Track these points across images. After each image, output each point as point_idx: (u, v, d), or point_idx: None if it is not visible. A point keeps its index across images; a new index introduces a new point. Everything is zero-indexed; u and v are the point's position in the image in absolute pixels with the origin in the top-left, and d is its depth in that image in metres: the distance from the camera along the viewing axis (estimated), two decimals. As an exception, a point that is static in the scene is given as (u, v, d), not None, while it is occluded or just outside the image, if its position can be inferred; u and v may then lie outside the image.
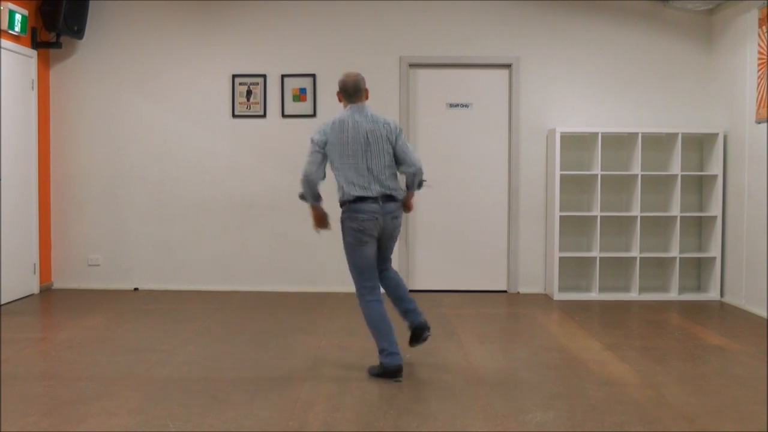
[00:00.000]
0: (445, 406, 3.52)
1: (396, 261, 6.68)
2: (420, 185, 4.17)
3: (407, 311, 4.12)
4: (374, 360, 4.27)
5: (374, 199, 3.96)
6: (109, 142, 6.76)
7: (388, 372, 3.93)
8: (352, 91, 4.09)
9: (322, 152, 4.00)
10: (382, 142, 4.01)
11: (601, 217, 6.58)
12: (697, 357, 4.47)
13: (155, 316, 5.61)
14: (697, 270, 6.72)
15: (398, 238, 6.63)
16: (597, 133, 6.45)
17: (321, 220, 4.12)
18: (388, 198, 4.00)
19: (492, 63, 6.70)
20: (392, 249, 4.20)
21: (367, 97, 4.16)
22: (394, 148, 4.05)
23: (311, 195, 4.01)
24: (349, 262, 4.08)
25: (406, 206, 4.22)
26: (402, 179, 4.24)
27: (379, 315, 3.98)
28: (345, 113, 4.07)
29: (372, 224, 3.96)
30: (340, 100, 4.16)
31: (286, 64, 6.70)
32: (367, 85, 6.61)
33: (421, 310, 4.21)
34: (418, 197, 6.75)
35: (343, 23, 6.69)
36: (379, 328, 3.97)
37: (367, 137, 4.00)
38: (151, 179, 6.77)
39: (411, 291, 6.75)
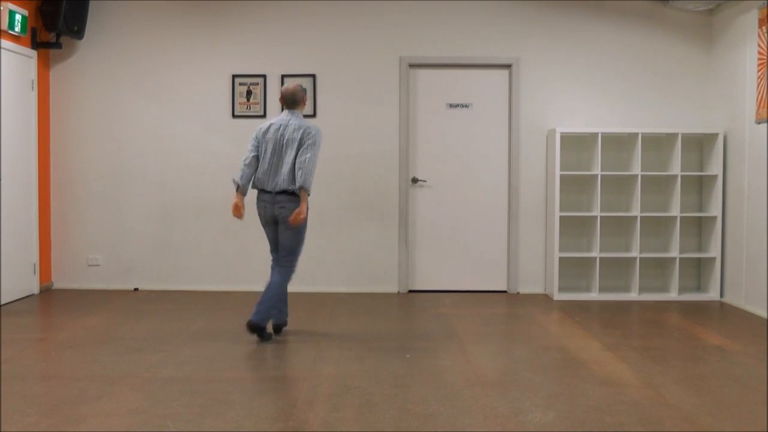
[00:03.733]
0: (445, 406, 3.52)
1: (396, 261, 6.69)
2: (302, 182, 4.63)
3: (257, 309, 4.72)
4: (373, 357, 4.29)
5: (269, 192, 4.79)
6: (109, 142, 6.77)
7: (247, 323, 4.70)
8: (290, 101, 4.91)
9: (256, 144, 4.86)
10: (294, 147, 4.74)
11: (601, 217, 6.58)
12: (697, 357, 4.47)
13: (155, 316, 5.61)
14: (697, 270, 6.72)
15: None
16: (597, 134, 6.45)
17: (236, 208, 4.85)
18: (283, 192, 4.74)
19: (492, 63, 6.70)
20: (292, 245, 4.84)
21: (304, 104, 4.99)
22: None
23: (243, 181, 4.80)
24: None
25: (296, 212, 4.71)
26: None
27: (269, 282, 4.84)
28: (278, 118, 4.89)
29: (264, 210, 4.84)
30: (281, 104, 5.05)
31: (286, 64, 6.70)
32: (367, 86, 6.66)
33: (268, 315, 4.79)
34: (417, 196, 6.75)
35: (343, 23, 6.69)
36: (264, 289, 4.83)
37: (284, 142, 4.78)
38: (151, 179, 6.77)
39: (411, 291, 6.76)
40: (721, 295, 6.42)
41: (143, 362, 4.26)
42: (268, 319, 4.74)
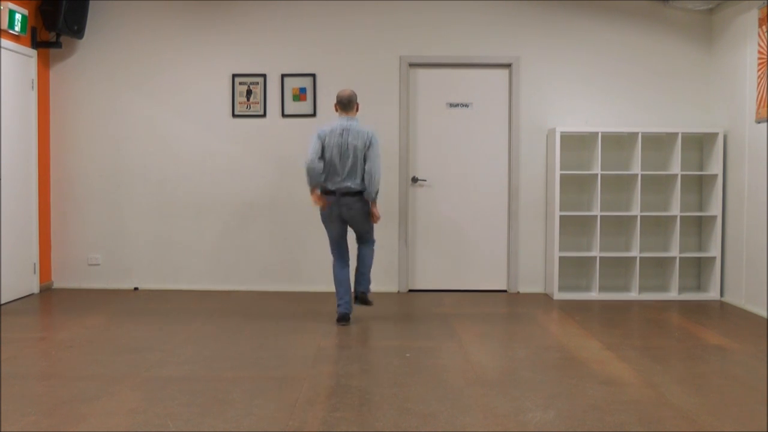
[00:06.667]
0: (445, 406, 3.52)
1: (396, 261, 6.70)
2: (373, 192, 5.10)
3: (357, 280, 5.37)
4: (373, 357, 4.31)
5: (333, 193, 5.12)
6: (109, 141, 6.77)
7: (337, 318, 5.28)
8: (345, 104, 5.20)
9: (322, 144, 5.13)
10: (357, 152, 5.09)
11: (601, 216, 6.58)
12: (697, 357, 4.47)
13: (155, 316, 5.61)
14: (697, 270, 6.72)
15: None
16: (597, 133, 6.45)
17: (318, 198, 5.20)
18: (347, 193, 5.11)
19: (492, 63, 6.70)
20: (366, 231, 5.32)
21: (357, 110, 5.27)
22: (365, 155, 5.11)
23: (316, 181, 5.12)
24: None
25: (371, 213, 5.22)
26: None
27: (337, 275, 5.31)
28: (337, 122, 5.17)
29: (329, 210, 5.16)
30: (336, 110, 5.28)
31: (286, 64, 6.70)
32: (367, 85, 6.66)
33: (370, 288, 5.48)
34: (417, 196, 6.76)
35: (343, 23, 6.69)
36: (336, 285, 5.31)
37: (347, 146, 5.09)
38: (152, 179, 6.77)
39: (411, 291, 6.76)
40: (721, 294, 6.42)
41: (143, 362, 4.26)
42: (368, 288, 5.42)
